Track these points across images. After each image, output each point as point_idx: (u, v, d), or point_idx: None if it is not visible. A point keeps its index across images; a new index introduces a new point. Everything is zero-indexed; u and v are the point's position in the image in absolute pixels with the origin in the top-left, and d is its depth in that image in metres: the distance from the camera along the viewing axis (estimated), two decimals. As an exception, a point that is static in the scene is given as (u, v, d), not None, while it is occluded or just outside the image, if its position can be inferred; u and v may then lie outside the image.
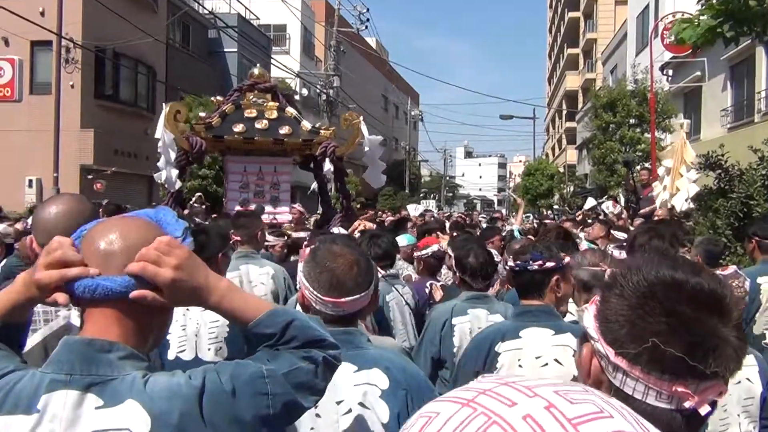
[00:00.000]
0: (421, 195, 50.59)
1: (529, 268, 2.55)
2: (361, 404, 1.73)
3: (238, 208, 7.23)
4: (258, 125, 7.12)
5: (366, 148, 7.31)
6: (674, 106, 19.83)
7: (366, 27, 33.43)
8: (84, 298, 1.19)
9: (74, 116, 18.22)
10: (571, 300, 2.79)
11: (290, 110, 7.45)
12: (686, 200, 8.69)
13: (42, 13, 17.16)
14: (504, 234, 7.31)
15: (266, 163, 7.40)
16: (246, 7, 30.04)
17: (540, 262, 2.55)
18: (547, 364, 2.42)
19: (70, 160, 17.76)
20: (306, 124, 7.32)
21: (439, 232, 7.48)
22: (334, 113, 30.83)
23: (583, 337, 1.00)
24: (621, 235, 6.75)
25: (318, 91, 32.70)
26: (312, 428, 1.72)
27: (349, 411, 1.73)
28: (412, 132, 55.51)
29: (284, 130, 7.12)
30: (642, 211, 10.33)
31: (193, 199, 13.09)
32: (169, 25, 23.14)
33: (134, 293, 1.19)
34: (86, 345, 1.18)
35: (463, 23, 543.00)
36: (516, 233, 7.26)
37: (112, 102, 19.69)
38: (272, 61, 28.68)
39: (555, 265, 2.58)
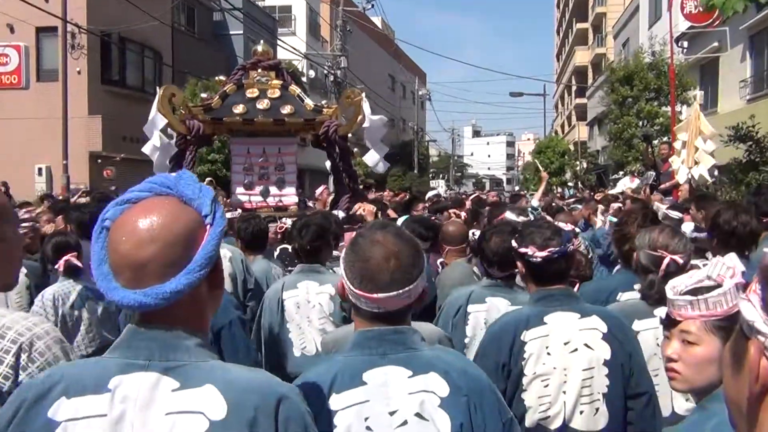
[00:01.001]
0: (430, 175, 50.32)
1: (567, 251, 2.36)
2: (419, 415, 1.48)
3: (241, 191, 7.09)
4: (259, 105, 6.84)
5: (366, 124, 6.97)
6: (692, 77, 19.42)
7: (372, 6, 33.06)
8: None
9: (82, 103, 18.04)
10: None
11: (294, 88, 7.13)
12: (706, 171, 8.43)
13: (46, -1, 16.93)
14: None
15: (270, 144, 7.08)
16: (251, -12, 29.72)
17: (574, 241, 2.43)
18: (576, 349, 2.28)
19: (79, 147, 17.60)
20: (309, 103, 7.02)
21: (456, 210, 7.27)
22: (341, 94, 30.56)
23: (743, 333, 0.80)
24: (675, 214, 6.41)
25: (325, 72, 32.36)
26: None
27: (405, 423, 1.48)
28: (420, 112, 55.10)
29: (286, 109, 6.84)
30: (662, 186, 10.06)
31: (205, 182, 12.92)
32: (174, 9, 22.83)
33: None
34: (165, 332, 1.21)
35: (470, 1, 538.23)
36: (532, 209, 7.02)
37: (119, 87, 19.49)
38: (278, 42, 28.35)
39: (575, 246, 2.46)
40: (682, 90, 17.76)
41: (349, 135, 7.52)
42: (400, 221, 5.27)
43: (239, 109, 6.78)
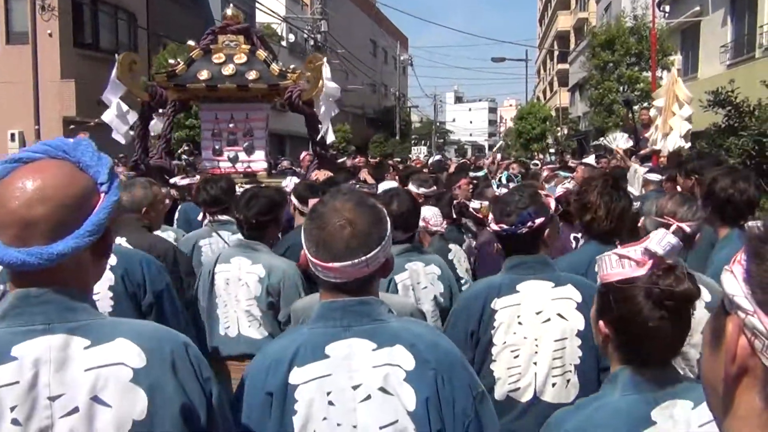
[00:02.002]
0: (412, 141, 50.06)
1: (518, 232, 2.28)
2: (382, 389, 1.44)
3: (210, 156, 7.07)
4: (225, 71, 6.77)
5: (323, 90, 6.81)
6: (673, 42, 19.35)
7: (353, -32, 32.31)
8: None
9: (54, 66, 17.56)
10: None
11: (261, 53, 7.02)
12: (680, 137, 8.42)
13: (14, -42, 16.35)
14: (477, 176, 7.04)
15: (238, 110, 7.06)
16: (227, -51, 28.91)
17: (530, 223, 2.27)
18: (549, 319, 2.21)
19: (52, 112, 17.20)
20: (275, 67, 6.91)
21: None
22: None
23: (723, 308, 0.73)
24: (654, 177, 6.36)
25: (305, 36, 31.83)
26: (325, 418, 1.43)
27: (368, 397, 1.44)
28: (402, 77, 54.55)
29: (251, 75, 6.77)
30: (642, 152, 10.06)
31: (181, 149, 12.76)
32: (149, -31, 22.20)
33: None
34: (57, 294, 1.21)
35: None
36: (504, 178, 7.01)
37: (92, 51, 18.95)
38: (257, 5, 27.76)
39: (545, 221, 2.32)
40: (663, 55, 17.70)
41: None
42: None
43: (204, 75, 6.77)
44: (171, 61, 7.62)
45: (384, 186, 5.79)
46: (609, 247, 2.45)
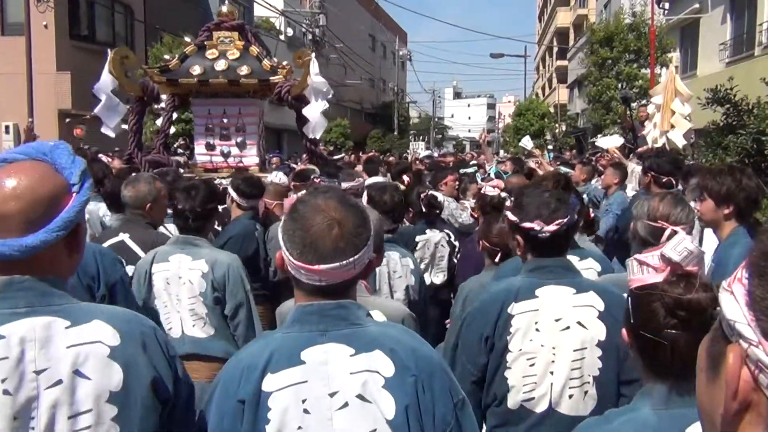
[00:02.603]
0: (410, 137, 50.02)
1: (574, 221, 2.15)
2: (360, 396, 1.38)
3: (203, 151, 7.11)
4: (217, 66, 6.86)
5: (311, 85, 6.79)
6: (672, 39, 19.28)
7: (352, -38, 32.17)
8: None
9: (49, 58, 17.43)
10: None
11: (254, 49, 7.07)
12: (683, 135, 8.37)
13: (9, -52, 16.21)
14: (466, 173, 6.98)
15: (230, 105, 7.10)
16: (226, -58, 28.74)
17: (577, 208, 2.17)
18: (568, 327, 2.08)
19: (48, 104, 17.08)
20: (267, 63, 6.95)
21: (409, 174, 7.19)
22: (320, 53, 29.97)
23: (723, 333, 0.65)
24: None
25: (303, 30, 31.70)
26: (299, 427, 1.36)
27: (345, 405, 1.38)
28: (400, 72, 54.42)
29: (243, 70, 6.82)
30: (640, 149, 10.00)
31: (177, 143, 12.69)
32: (146, -39, 22.06)
33: None
34: (37, 282, 1.36)
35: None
36: (492, 173, 6.96)
37: (88, 43, 18.83)
38: (255, -2, 27.64)
39: (576, 220, 2.23)
40: (661, 52, 17.64)
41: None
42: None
43: (197, 70, 6.83)
44: (166, 56, 7.66)
45: (371, 181, 5.80)
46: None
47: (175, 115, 8.26)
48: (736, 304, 0.63)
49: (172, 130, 8.99)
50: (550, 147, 29.55)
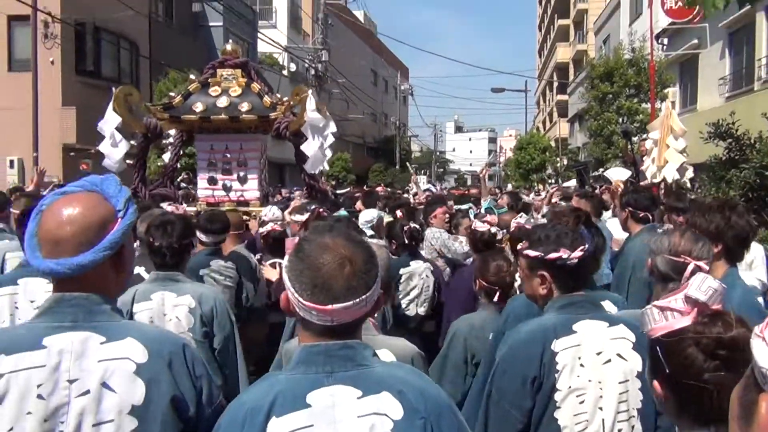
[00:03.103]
0: (414, 168, 50.20)
1: (594, 251, 2.21)
2: None
3: (205, 185, 7.23)
4: (219, 103, 7.05)
5: (305, 119, 6.90)
6: (671, 75, 19.46)
7: (354, -1, 32.71)
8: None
9: (55, 93, 17.61)
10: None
11: (255, 85, 7.24)
12: (678, 170, 8.38)
13: (18, -14, 16.48)
14: (458, 209, 7.05)
15: (232, 140, 7.25)
16: (231, -20, 29.28)
17: (590, 247, 2.18)
18: (609, 360, 2.09)
19: (53, 139, 17.20)
20: (267, 99, 7.11)
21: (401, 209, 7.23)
22: (323, 88, 30.29)
23: (755, 381, 0.63)
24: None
25: (306, 65, 32.07)
26: None
27: None
28: (402, 107, 54.90)
29: (244, 107, 7.00)
30: (642, 183, 10.02)
31: (180, 177, 12.74)
32: (152, -1, 22.44)
33: None
34: (85, 299, 1.52)
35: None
36: (484, 208, 7.01)
37: (94, 78, 19.05)
38: (259, 35, 28.01)
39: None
40: (661, 87, 17.78)
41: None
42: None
43: (199, 107, 6.99)
44: (171, 93, 7.84)
45: (365, 215, 5.83)
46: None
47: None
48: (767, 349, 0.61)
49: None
50: (551, 181, 29.63)
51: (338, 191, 10.19)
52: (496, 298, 3.12)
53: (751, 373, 0.64)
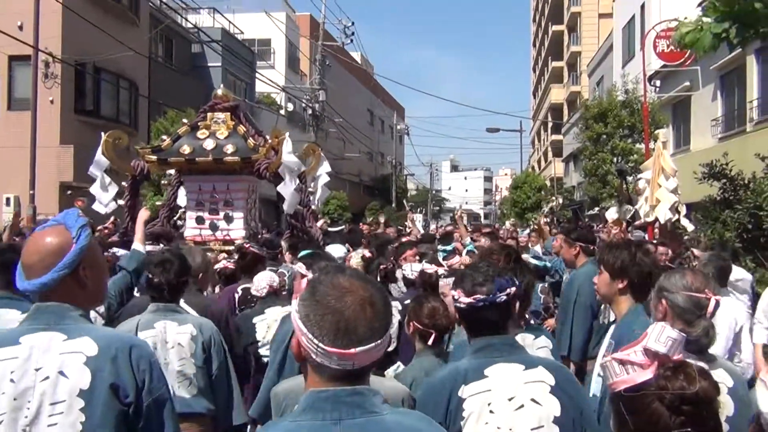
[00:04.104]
0: (409, 208, 50.31)
1: (497, 301, 2.10)
2: None
3: (193, 224, 7.42)
4: (206, 146, 7.31)
5: (283, 160, 6.99)
6: (664, 116, 19.71)
7: (351, 41, 33.24)
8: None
9: (53, 132, 17.70)
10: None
11: (241, 128, 7.44)
12: (669, 210, 8.44)
13: (20, 27, 16.67)
14: (445, 249, 7.13)
15: (219, 181, 7.53)
16: (230, 22, 29.74)
17: (508, 290, 2.12)
18: (522, 405, 2.01)
19: (49, 177, 17.22)
20: (251, 142, 7.30)
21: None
22: (320, 127, 30.53)
23: (760, 426, 0.63)
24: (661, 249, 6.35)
25: (303, 105, 32.39)
26: None
27: None
28: (398, 146, 55.34)
29: (229, 149, 7.19)
30: (638, 222, 10.06)
31: (177, 215, 12.73)
32: (152, 39, 22.74)
33: None
34: (57, 307, 1.93)
35: (448, 38, 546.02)
36: (469, 249, 7.01)
37: (93, 117, 19.19)
38: (257, 75, 28.36)
39: (517, 290, 2.18)
40: (655, 128, 18.00)
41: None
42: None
43: (186, 149, 7.27)
44: (163, 137, 8.11)
45: (333, 250, 5.72)
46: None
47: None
48: None
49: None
50: (546, 220, 29.72)
51: (330, 229, 10.19)
52: (431, 342, 3.00)
53: (757, 419, 0.64)
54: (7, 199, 17.42)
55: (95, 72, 19.28)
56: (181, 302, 3.57)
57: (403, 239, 8.45)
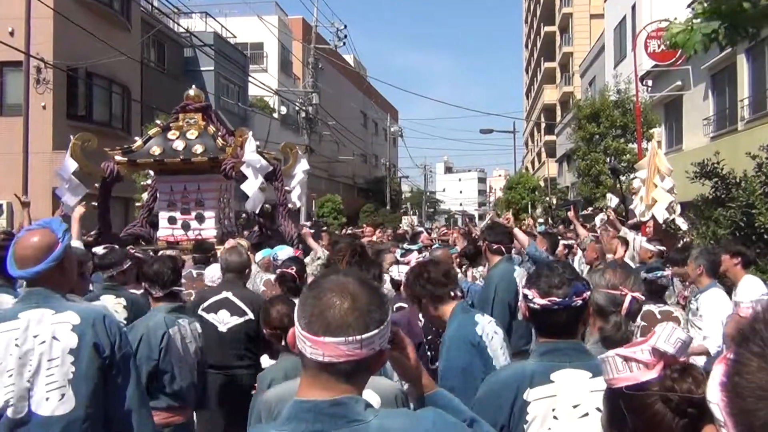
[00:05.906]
0: (402, 211, 50.36)
1: (573, 305, 2.05)
2: None
3: (165, 224, 7.47)
4: (175, 146, 7.37)
5: (245, 158, 7.03)
6: (656, 115, 19.79)
7: (344, 44, 33.21)
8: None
9: (46, 138, 17.65)
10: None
11: (211, 128, 7.48)
12: (666, 209, 8.46)
13: (11, 33, 16.64)
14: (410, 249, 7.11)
15: (190, 181, 7.63)
16: (222, 26, 29.72)
17: (584, 295, 2.07)
18: (587, 414, 1.96)
19: (43, 183, 17.16)
20: (219, 142, 7.32)
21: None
22: (313, 130, 30.51)
23: (704, 413, 0.64)
24: (651, 246, 6.36)
25: (297, 108, 32.37)
26: None
27: None
28: (392, 148, 55.34)
29: (198, 149, 7.24)
30: (630, 221, 10.09)
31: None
32: (144, 44, 22.70)
33: None
34: (44, 291, 2.56)
35: (440, 40, 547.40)
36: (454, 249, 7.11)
37: (85, 123, 19.09)
38: (250, 79, 28.34)
39: (590, 294, 2.14)
40: (647, 127, 18.07)
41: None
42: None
43: (156, 150, 7.30)
44: (136, 138, 8.19)
45: (281, 253, 5.65)
46: None
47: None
48: (714, 384, 0.62)
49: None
50: (540, 220, 29.78)
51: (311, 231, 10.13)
52: (284, 342, 2.94)
53: (699, 404, 0.65)
54: (0, 206, 17.35)
55: (87, 77, 19.23)
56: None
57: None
